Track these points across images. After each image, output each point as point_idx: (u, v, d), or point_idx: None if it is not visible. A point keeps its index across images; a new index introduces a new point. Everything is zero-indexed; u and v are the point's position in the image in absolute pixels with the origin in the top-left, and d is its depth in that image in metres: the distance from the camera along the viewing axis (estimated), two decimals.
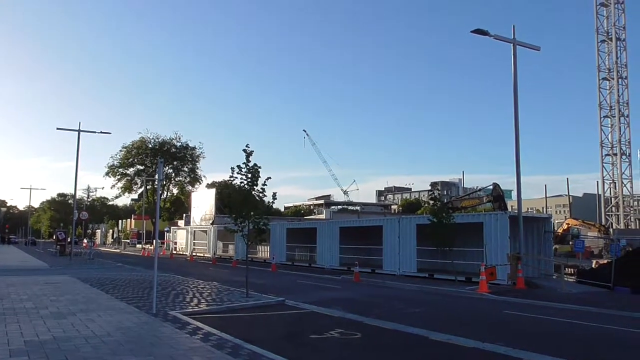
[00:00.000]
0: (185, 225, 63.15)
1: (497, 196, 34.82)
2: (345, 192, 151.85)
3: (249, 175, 15.76)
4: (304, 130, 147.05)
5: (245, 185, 15.81)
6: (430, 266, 25.71)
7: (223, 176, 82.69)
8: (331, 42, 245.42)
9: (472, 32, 21.48)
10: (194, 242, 54.06)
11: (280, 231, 38.00)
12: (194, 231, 55.32)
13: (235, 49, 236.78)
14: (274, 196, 17.00)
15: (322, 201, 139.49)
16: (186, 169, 73.72)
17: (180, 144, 72.23)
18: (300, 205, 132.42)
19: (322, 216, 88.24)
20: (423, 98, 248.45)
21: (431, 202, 28.50)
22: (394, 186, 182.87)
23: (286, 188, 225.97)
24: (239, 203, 15.89)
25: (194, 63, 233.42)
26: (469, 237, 23.83)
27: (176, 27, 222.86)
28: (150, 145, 69.87)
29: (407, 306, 15.16)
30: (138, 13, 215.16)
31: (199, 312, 12.57)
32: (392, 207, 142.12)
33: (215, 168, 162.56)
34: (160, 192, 17.49)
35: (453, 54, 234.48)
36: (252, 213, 15.71)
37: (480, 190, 49.39)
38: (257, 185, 15.90)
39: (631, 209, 74.36)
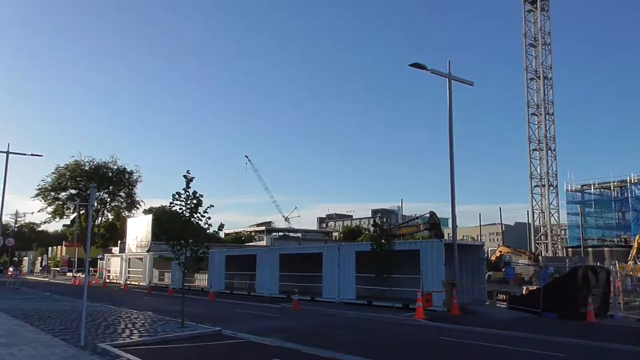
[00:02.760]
0: (119, 253, 60.76)
1: (434, 224, 35.76)
2: (286, 219, 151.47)
3: (189, 202, 15.48)
4: (245, 155, 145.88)
5: (185, 212, 15.51)
6: (369, 293, 25.91)
7: (162, 202, 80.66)
8: (270, 66, 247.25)
9: (410, 65, 22.28)
10: (128, 270, 52.04)
11: (219, 258, 37.28)
12: (129, 258, 53.34)
13: (172, 70, 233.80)
14: (221, 227, 16.78)
15: (263, 228, 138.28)
16: (122, 194, 71.42)
17: (116, 167, 70.02)
18: (241, 232, 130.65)
19: (263, 243, 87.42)
20: (363, 126, 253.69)
21: (372, 228, 28.91)
22: (335, 213, 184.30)
23: (227, 214, 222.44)
24: (178, 230, 15.55)
25: (129, 85, 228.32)
26: (407, 264, 24.26)
27: (110, 46, 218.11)
28: (85, 169, 67.34)
29: (345, 334, 15.19)
30: (75, 33, 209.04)
31: (130, 344, 12.07)
32: (334, 233, 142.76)
33: (154, 193, 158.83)
34: (93, 217, 16.83)
35: (392, 82, 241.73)
36: (191, 241, 15.40)
37: (417, 218, 50.49)
38: (197, 212, 15.62)
39: (558, 237, 78.30)
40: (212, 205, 15.83)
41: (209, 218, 15.62)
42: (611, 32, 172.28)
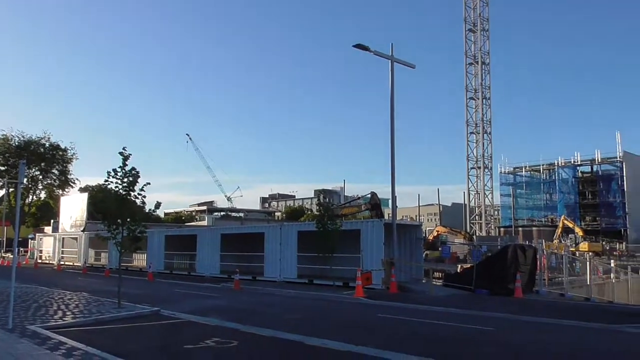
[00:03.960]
0: (53, 232, 58.32)
1: (375, 204, 36.56)
2: (228, 199, 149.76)
3: (126, 180, 15.01)
4: (187, 134, 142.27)
5: (121, 191, 15.04)
6: (311, 272, 26.20)
7: (99, 180, 77.58)
8: (212, 43, 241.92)
9: (353, 46, 22.40)
10: (62, 250, 50.11)
11: (158, 238, 36.54)
12: (63, 238, 51.32)
13: (116, 46, 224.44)
14: (157, 205, 16.36)
15: (204, 207, 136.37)
16: (56, 172, 68.22)
17: (49, 144, 66.68)
18: (181, 212, 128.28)
19: (204, 222, 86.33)
20: (306, 107, 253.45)
21: (316, 208, 29.16)
22: (278, 193, 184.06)
23: (167, 194, 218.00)
24: (114, 209, 15.07)
25: (69, 58, 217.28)
26: (348, 244, 24.65)
27: (47, 16, 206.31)
28: (14, 144, 63.76)
29: (285, 312, 15.33)
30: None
31: (63, 326, 11.67)
32: (276, 214, 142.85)
33: (90, 171, 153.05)
34: (22, 195, 16.05)
35: (334, 64, 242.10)
36: (128, 220, 14.98)
37: (359, 198, 51.34)
38: (134, 190, 15.18)
39: (492, 217, 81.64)
40: (149, 183, 15.45)
41: (145, 197, 15.24)
42: (547, 21, 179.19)
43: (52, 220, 66.31)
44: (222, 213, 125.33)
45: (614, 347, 10.64)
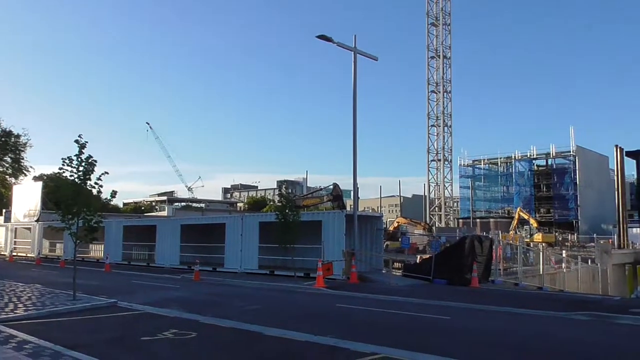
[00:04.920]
0: (4, 222, 56.25)
1: (337, 196, 36.76)
2: (189, 189, 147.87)
3: (81, 169, 14.60)
4: (147, 122, 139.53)
5: (77, 180, 14.62)
6: (272, 263, 26.19)
7: (55, 168, 75.16)
8: (173, 34, 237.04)
9: (317, 37, 22.37)
10: (14, 241, 48.51)
11: (116, 229, 35.79)
12: (15, 228, 49.67)
13: (67, 33, 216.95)
14: (113, 194, 15.95)
15: (164, 197, 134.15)
16: (8, 159, 65.70)
17: (0, 130, 64.09)
18: (141, 202, 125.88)
19: (164, 213, 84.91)
20: (269, 98, 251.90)
21: (278, 199, 29.07)
22: (241, 184, 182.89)
23: (126, 183, 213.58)
24: (69, 199, 14.64)
25: (22, 46, 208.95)
26: (309, 235, 24.72)
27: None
28: None
29: (245, 303, 15.30)
30: None
31: (14, 319, 11.33)
32: (238, 204, 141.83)
33: (48, 159, 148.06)
34: None
35: (298, 56, 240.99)
36: (84, 210, 14.59)
37: (322, 189, 51.50)
38: (90, 180, 14.79)
39: (451, 209, 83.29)
40: (107, 172, 15.06)
41: (102, 186, 14.88)
42: (507, 17, 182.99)
43: (4, 210, 63.98)
44: (182, 203, 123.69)
45: (563, 334, 11.07)
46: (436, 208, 79.35)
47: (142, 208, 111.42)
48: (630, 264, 36.89)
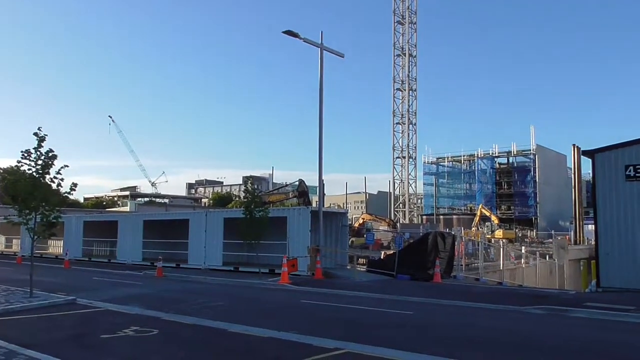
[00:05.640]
0: None
1: (302, 192, 36.70)
2: (153, 184, 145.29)
3: (40, 162, 14.16)
4: (109, 116, 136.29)
5: (35, 173, 14.18)
6: (236, 259, 26.01)
7: (13, 162, 72.86)
8: (137, 27, 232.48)
9: (283, 32, 22.28)
10: None
11: (76, 224, 34.92)
12: None
13: (28, 28, 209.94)
14: (73, 187, 15.52)
15: (127, 192, 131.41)
16: None
17: None
18: (102, 197, 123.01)
19: (127, 208, 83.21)
20: (235, 93, 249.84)
21: (243, 194, 28.79)
22: (205, 179, 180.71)
23: (87, 177, 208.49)
24: (26, 193, 14.18)
25: None
26: (274, 231, 24.62)
27: None
28: None
29: (209, 300, 15.15)
30: None
31: None
32: (203, 200, 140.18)
33: (5, 152, 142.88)
34: None
35: (265, 51, 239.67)
36: (42, 204, 14.16)
37: (287, 185, 51.37)
38: (49, 173, 14.36)
39: (415, 205, 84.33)
40: (67, 166, 14.64)
41: (62, 179, 14.47)
42: (472, 16, 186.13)
43: None
44: (146, 199, 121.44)
45: (521, 327, 11.38)
46: (401, 205, 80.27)
47: (104, 203, 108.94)
48: (585, 259, 38.16)
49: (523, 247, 40.24)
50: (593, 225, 20.06)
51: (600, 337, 10.39)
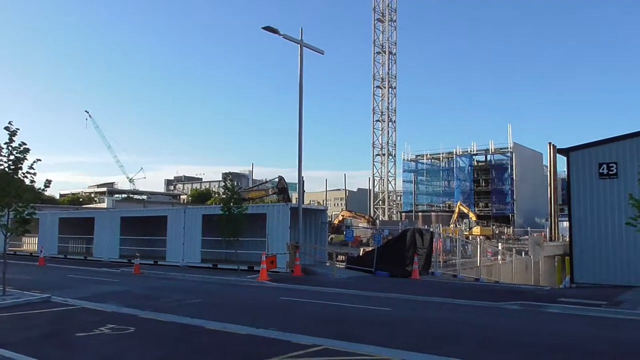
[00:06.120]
0: None
1: (282, 189, 36.73)
2: (131, 180, 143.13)
3: (12, 157, 13.87)
4: (86, 111, 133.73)
5: (7, 169, 13.89)
6: (215, 256, 25.88)
7: None
8: (116, 27, 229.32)
9: (262, 28, 22.19)
10: None
11: (51, 221, 34.35)
12: None
13: (4, 24, 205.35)
14: (47, 183, 15.25)
15: (104, 189, 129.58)
16: None
17: None
18: (79, 193, 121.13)
19: (104, 205, 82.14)
20: (215, 89, 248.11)
21: (222, 191, 28.59)
22: (184, 175, 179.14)
23: (64, 174, 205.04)
24: None
25: None
26: (254, 228, 24.57)
27: None
28: None
29: (187, 297, 15.06)
30: None
31: None
32: (182, 197, 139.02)
33: None
34: None
35: (245, 47, 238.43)
36: (15, 200, 13.88)
37: (267, 182, 51.34)
38: (22, 168, 14.08)
39: (394, 202, 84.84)
40: (39, 160, 14.30)
41: (35, 174, 14.21)
42: (451, 14, 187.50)
43: None
44: (123, 195, 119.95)
45: (497, 322, 11.56)
46: (380, 202, 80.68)
47: (81, 200, 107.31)
48: (560, 256, 38.85)
49: (500, 244, 40.84)
50: (568, 222, 20.43)
51: (572, 331, 10.61)
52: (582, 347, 8.92)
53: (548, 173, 61.97)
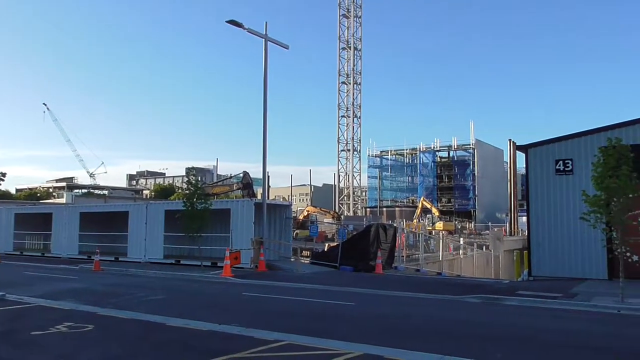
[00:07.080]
0: None
1: (247, 184, 36.50)
2: (91, 175, 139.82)
3: None
4: (44, 103, 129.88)
5: None
6: (178, 252, 25.54)
7: None
8: (78, 18, 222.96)
9: (227, 22, 21.94)
10: None
11: (6, 216, 33.26)
12: None
13: None
14: (1, 176, 14.75)
15: (63, 184, 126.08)
16: None
17: None
18: (36, 188, 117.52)
19: (63, 200, 79.92)
20: (178, 83, 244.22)
21: (186, 186, 28.17)
22: (147, 170, 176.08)
23: (20, 168, 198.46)
24: None
25: None
26: (218, 223, 24.36)
27: None
28: None
29: (148, 293, 14.81)
30: None
31: None
32: (145, 192, 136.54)
33: None
34: None
35: (210, 41, 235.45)
36: None
37: (232, 177, 50.88)
38: None
39: (359, 198, 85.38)
40: None
41: None
42: (415, 9, 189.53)
43: None
44: (83, 190, 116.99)
45: (457, 315, 11.79)
46: (345, 197, 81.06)
47: (38, 195, 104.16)
48: (519, 250, 39.89)
49: (461, 239, 41.62)
50: (526, 217, 20.96)
51: (529, 323, 10.90)
52: (536, 338, 9.18)
53: (508, 169, 63.47)
